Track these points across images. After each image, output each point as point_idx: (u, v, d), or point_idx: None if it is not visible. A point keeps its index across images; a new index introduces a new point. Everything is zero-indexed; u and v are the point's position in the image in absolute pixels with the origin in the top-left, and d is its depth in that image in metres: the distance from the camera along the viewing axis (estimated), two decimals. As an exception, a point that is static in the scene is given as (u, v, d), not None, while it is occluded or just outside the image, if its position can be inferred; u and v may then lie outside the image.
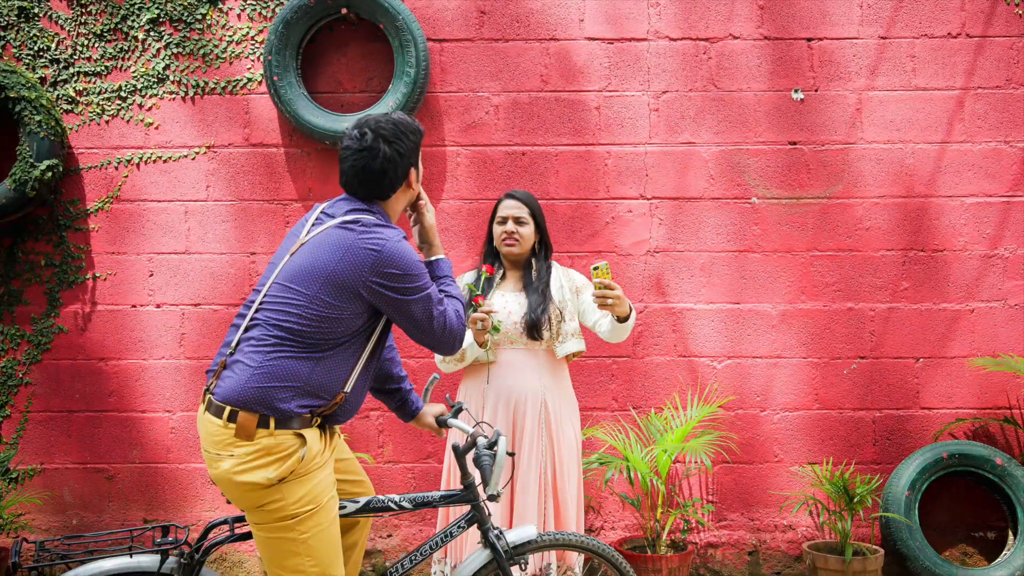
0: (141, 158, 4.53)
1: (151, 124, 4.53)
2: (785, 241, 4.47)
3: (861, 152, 4.48)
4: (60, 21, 4.50)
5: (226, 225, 4.52)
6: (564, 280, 3.47)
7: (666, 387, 4.45)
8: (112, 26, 4.51)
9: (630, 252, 4.48)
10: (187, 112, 4.53)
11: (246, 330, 2.45)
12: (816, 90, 4.48)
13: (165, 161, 4.53)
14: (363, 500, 2.67)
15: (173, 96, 4.53)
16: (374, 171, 2.50)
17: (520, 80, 4.50)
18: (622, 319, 3.23)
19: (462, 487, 2.74)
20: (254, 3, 4.51)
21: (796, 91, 4.48)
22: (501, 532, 2.75)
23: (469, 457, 2.68)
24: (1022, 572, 4.17)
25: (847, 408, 4.46)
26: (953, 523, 4.47)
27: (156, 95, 4.52)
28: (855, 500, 4.10)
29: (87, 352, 4.51)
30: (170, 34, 4.51)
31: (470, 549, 3.24)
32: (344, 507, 2.62)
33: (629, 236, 4.48)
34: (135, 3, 4.50)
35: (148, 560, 2.52)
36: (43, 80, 4.49)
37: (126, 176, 4.53)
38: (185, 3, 4.50)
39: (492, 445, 2.62)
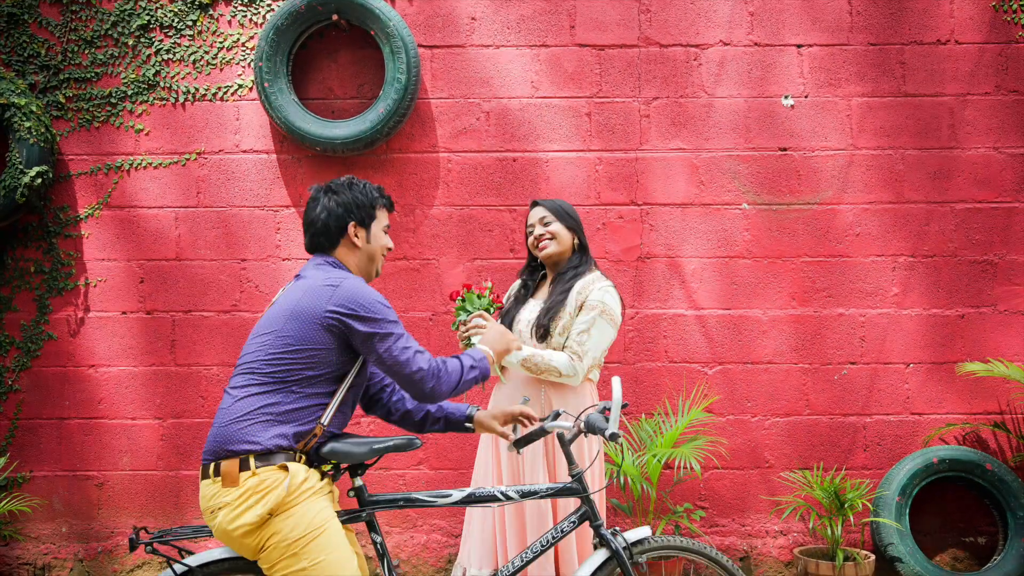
0: (131, 164, 4.52)
1: (141, 130, 4.52)
2: (776, 247, 4.48)
3: (851, 158, 4.49)
4: (50, 27, 4.49)
5: (217, 231, 4.51)
6: (581, 293, 3.26)
7: (657, 393, 4.45)
8: (102, 32, 4.50)
9: (621, 258, 4.48)
10: (178, 118, 4.52)
11: (228, 386, 2.54)
12: (806, 96, 4.49)
13: (156, 167, 4.52)
14: (468, 490, 2.69)
15: (164, 102, 4.52)
16: (314, 220, 2.63)
17: (511, 86, 4.50)
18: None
19: (570, 478, 2.68)
20: (245, 9, 4.50)
21: (786, 97, 4.49)
22: (615, 530, 2.69)
23: (577, 446, 2.65)
24: (1013, 577, 4.18)
25: (838, 413, 4.47)
26: (944, 528, 4.47)
27: (147, 101, 4.52)
28: (846, 505, 4.10)
29: (77, 359, 4.50)
30: (160, 40, 4.50)
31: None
32: (449, 495, 2.66)
33: (620, 242, 4.48)
34: (125, 9, 4.49)
35: None
36: (33, 86, 4.48)
37: (116, 182, 4.52)
38: (175, 9, 4.50)
39: (603, 409, 2.63)
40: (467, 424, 2.90)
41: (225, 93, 4.51)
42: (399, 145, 4.50)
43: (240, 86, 4.51)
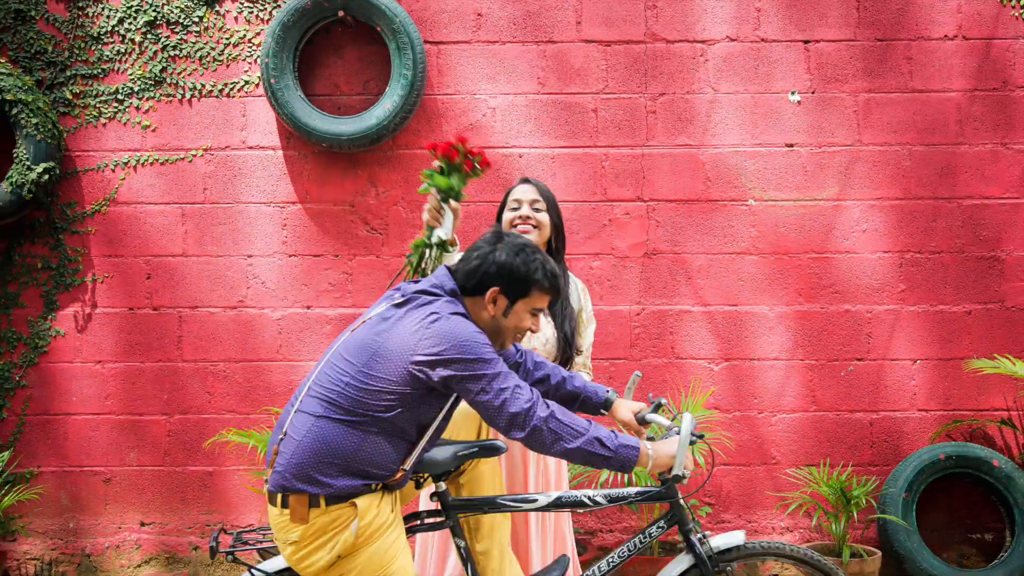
0: (138, 161, 4.52)
1: (148, 127, 4.52)
2: (782, 243, 4.48)
3: (858, 154, 4.48)
4: (57, 23, 4.50)
5: (223, 228, 4.52)
6: (575, 299, 3.21)
7: (662, 389, 4.45)
8: (109, 28, 4.50)
9: (627, 254, 4.48)
10: (184, 115, 4.53)
11: (298, 409, 2.39)
12: (813, 92, 4.48)
13: (162, 164, 4.53)
14: (555, 495, 2.57)
15: (170, 99, 4.53)
16: (469, 258, 2.45)
17: (517, 82, 4.50)
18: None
19: (660, 483, 2.59)
20: (251, 6, 4.51)
21: (793, 93, 4.48)
22: (705, 536, 2.60)
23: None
24: (1020, 573, 4.16)
25: (844, 410, 4.46)
26: (950, 525, 4.47)
27: (153, 97, 4.52)
28: (852, 502, 4.10)
29: (84, 355, 4.51)
30: (167, 36, 4.51)
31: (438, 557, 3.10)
32: (535, 500, 2.55)
33: (626, 238, 4.48)
34: (132, 5, 4.49)
35: None
36: (40, 83, 4.49)
37: (123, 179, 4.53)
38: (182, 5, 4.50)
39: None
40: (602, 410, 2.76)
41: (232, 89, 4.51)
42: (405, 141, 4.50)
43: (247, 82, 4.51)
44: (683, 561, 2.60)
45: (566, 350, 3.06)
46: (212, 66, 4.51)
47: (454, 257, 2.95)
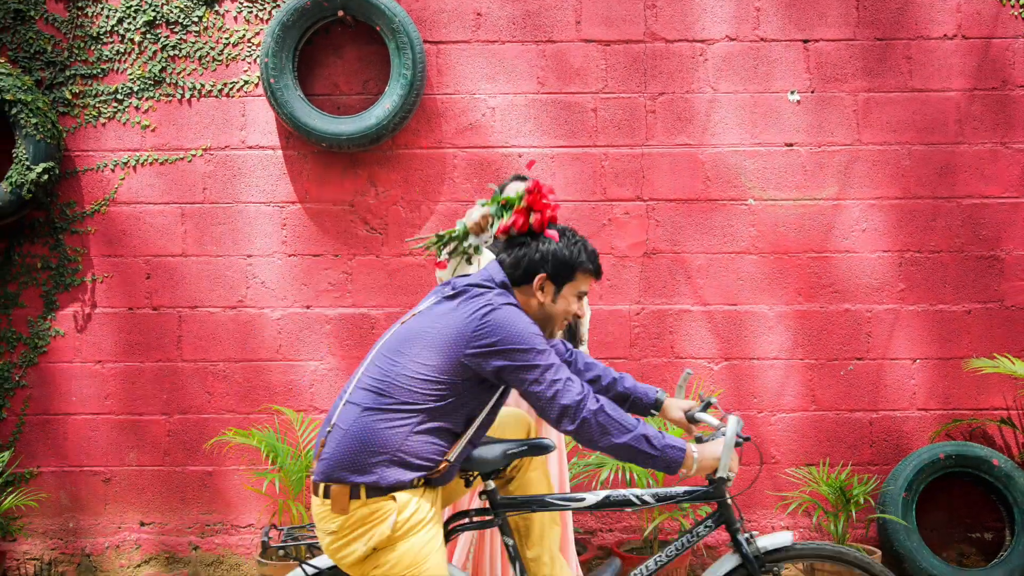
0: (138, 160, 4.52)
1: (148, 126, 4.52)
2: (782, 243, 4.48)
3: (857, 153, 4.48)
4: (56, 23, 4.50)
5: (223, 227, 4.52)
6: None
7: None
8: (108, 28, 4.50)
9: (627, 254, 4.48)
10: (184, 114, 4.53)
11: (347, 401, 2.41)
12: (812, 91, 4.48)
13: (162, 163, 4.53)
14: (603, 494, 2.57)
15: (170, 98, 4.53)
16: (517, 253, 2.48)
17: (517, 82, 4.50)
18: None
19: (707, 482, 2.57)
20: (250, 5, 4.51)
21: (792, 92, 4.49)
22: (752, 536, 2.58)
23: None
24: (1020, 572, 4.17)
25: (844, 409, 4.46)
26: (950, 524, 4.47)
27: (153, 97, 4.52)
28: (852, 501, 4.10)
29: (84, 355, 4.51)
30: (166, 36, 4.51)
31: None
32: (583, 499, 2.55)
33: (626, 238, 4.48)
34: (131, 5, 4.49)
35: None
36: (39, 83, 4.49)
37: (123, 179, 4.53)
38: (181, 5, 4.50)
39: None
40: (652, 411, 2.77)
41: (231, 89, 4.51)
42: (405, 141, 4.50)
43: (246, 82, 4.51)
44: (729, 560, 2.58)
45: (570, 340, 3.12)
46: (212, 66, 4.51)
47: (468, 269, 2.98)
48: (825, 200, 4.48)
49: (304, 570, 2.51)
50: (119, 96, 4.51)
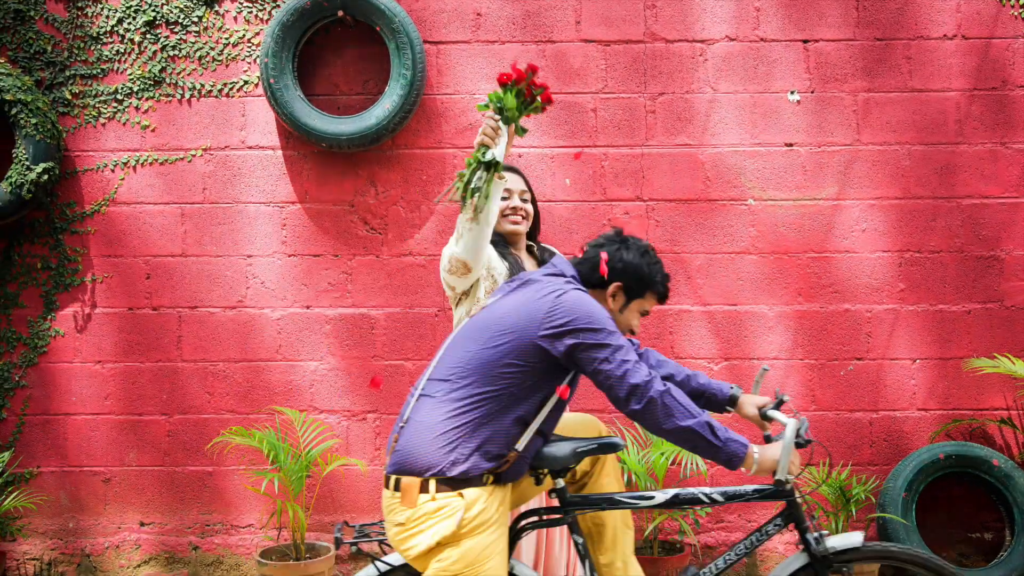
0: (138, 161, 4.52)
1: (147, 127, 4.52)
2: (782, 243, 4.48)
3: (857, 153, 4.48)
4: (56, 23, 4.50)
5: (223, 227, 4.52)
6: None
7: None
8: (108, 28, 4.50)
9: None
10: (184, 114, 4.53)
11: (420, 395, 2.45)
12: (812, 92, 4.49)
13: (162, 164, 4.53)
14: (672, 492, 2.58)
15: (169, 98, 4.53)
16: (592, 256, 2.56)
17: (517, 82, 4.50)
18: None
19: (775, 481, 2.56)
20: (250, 5, 4.51)
21: (792, 92, 4.49)
22: (821, 535, 2.57)
23: None
24: (1020, 572, 4.17)
25: (844, 409, 4.46)
26: (950, 524, 4.47)
27: (152, 97, 4.52)
28: (852, 501, 4.10)
29: (84, 355, 4.51)
30: (166, 36, 4.51)
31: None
32: (652, 497, 2.56)
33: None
34: (131, 5, 4.49)
35: None
36: (39, 83, 4.49)
37: (122, 179, 4.53)
38: (181, 5, 4.50)
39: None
40: (728, 408, 2.78)
41: (231, 89, 4.52)
42: (405, 141, 4.50)
43: (246, 82, 4.51)
44: (798, 559, 2.58)
45: None
46: (211, 66, 4.52)
47: (493, 203, 2.83)
48: (825, 200, 4.48)
49: (376, 566, 2.53)
50: (119, 96, 4.51)
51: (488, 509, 2.37)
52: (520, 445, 2.41)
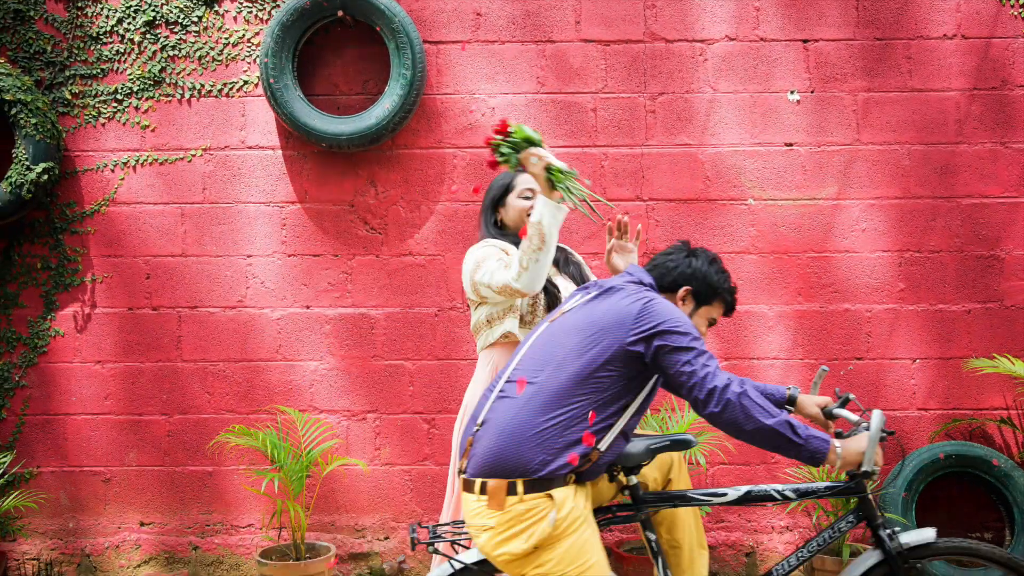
0: (137, 161, 4.52)
1: (147, 127, 4.52)
2: (782, 243, 4.48)
3: (857, 153, 4.48)
4: (56, 23, 4.50)
5: (223, 228, 4.52)
6: (584, 266, 3.46)
7: (663, 390, 4.44)
8: (108, 28, 4.50)
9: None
10: (183, 114, 4.53)
11: (499, 396, 2.48)
12: (812, 91, 4.48)
13: (162, 164, 4.53)
14: (744, 489, 2.62)
15: (169, 98, 4.53)
16: (663, 263, 2.67)
17: (516, 82, 4.50)
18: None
19: (848, 477, 2.58)
20: (250, 5, 4.51)
21: (792, 92, 4.49)
22: (894, 532, 2.58)
23: None
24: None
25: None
26: (950, 524, 4.47)
27: (152, 97, 4.52)
28: (851, 501, 4.10)
29: (84, 355, 4.51)
30: (166, 36, 4.51)
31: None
32: (725, 494, 2.60)
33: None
34: (131, 5, 4.49)
35: None
36: (39, 83, 4.49)
37: (122, 179, 4.53)
38: (181, 5, 4.50)
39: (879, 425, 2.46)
40: (788, 407, 2.81)
41: (231, 89, 4.51)
42: (404, 141, 4.50)
43: (246, 82, 4.51)
44: (871, 557, 2.59)
45: None
46: (211, 66, 4.51)
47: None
48: (825, 200, 4.48)
49: (452, 565, 2.54)
50: (119, 96, 4.51)
51: (578, 507, 2.39)
52: (603, 445, 2.44)
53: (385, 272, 4.49)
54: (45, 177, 4.30)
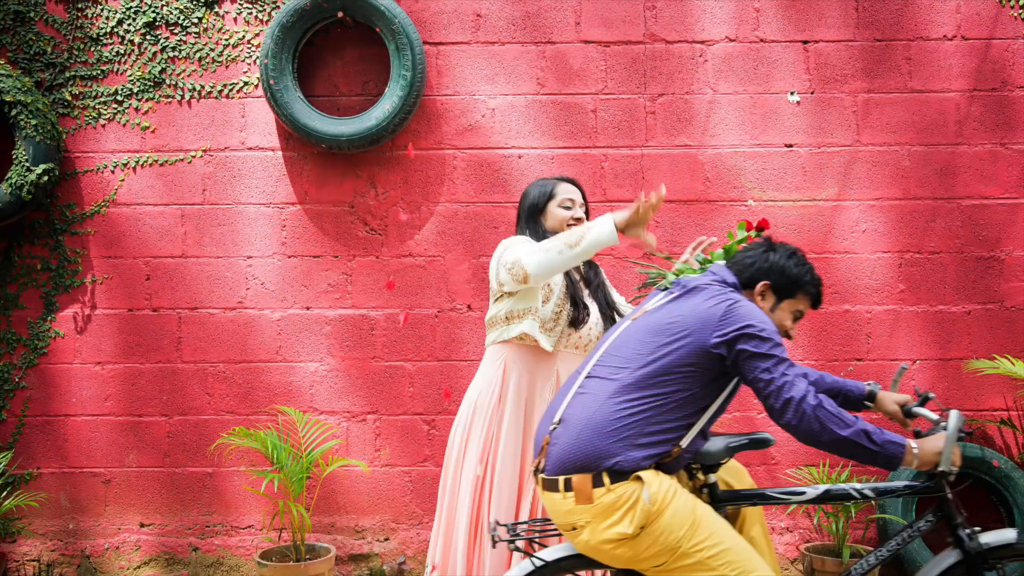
0: (137, 162, 4.53)
1: (147, 128, 4.53)
2: (782, 243, 4.47)
3: (857, 154, 4.48)
4: (56, 24, 4.50)
5: (223, 229, 4.52)
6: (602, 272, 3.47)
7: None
8: (108, 30, 4.50)
9: (627, 255, 4.48)
10: (183, 116, 4.53)
11: (577, 392, 2.49)
12: (812, 92, 4.49)
13: (162, 165, 4.53)
14: (823, 487, 2.62)
15: (169, 100, 4.53)
16: (742, 259, 2.64)
17: (516, 83, 4.50)
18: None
19: (926, 477, 2.58)
20: (250, 7, 4.51)
21: (792, 93, 4.49)
22: (974, 532, 2.56)
23: None
24: (1020, 573, 4.16)
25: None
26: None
27: (152, 99, 4.52)
28: (851, 504, 4.09)
29: (84, 356, 4.51)
30: (166, 38, 4.51)
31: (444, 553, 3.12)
32: (803, 493, 2.60)
33: (626, 239, 4.47)
34: (131, 6, 4.50)
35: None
36: (39, 84, 4.49)
37: (122, 180, 4.53)
38: (181, 7, 4.50)
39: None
40: (867, 403, 2.82)
41: (231, 90, 4.52)
42: (405, 142, 4.50)
43: (246, 83, 4.51)
44: (950, 556, 2.58)
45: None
46: (211, 67, 4.52)
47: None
48: (825, 201, 4.48)
49: (532, 562, 2.55)
50: (119, 97, 4.52)
51: (666, 480, 2.40)
52: (684, 443, 2.45)
53: (385, 273, 4.49)
54: (45, 178, 4.30)
